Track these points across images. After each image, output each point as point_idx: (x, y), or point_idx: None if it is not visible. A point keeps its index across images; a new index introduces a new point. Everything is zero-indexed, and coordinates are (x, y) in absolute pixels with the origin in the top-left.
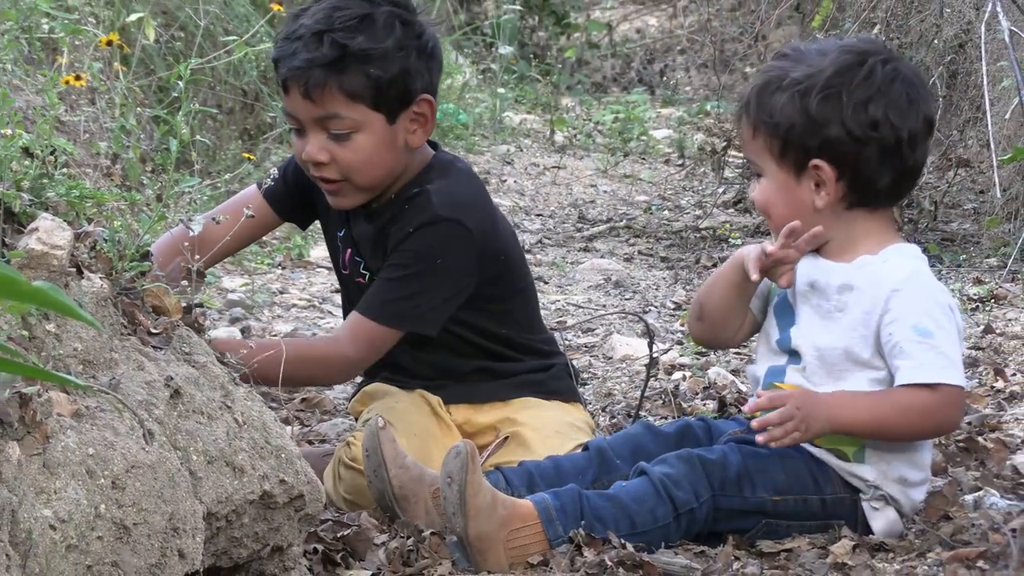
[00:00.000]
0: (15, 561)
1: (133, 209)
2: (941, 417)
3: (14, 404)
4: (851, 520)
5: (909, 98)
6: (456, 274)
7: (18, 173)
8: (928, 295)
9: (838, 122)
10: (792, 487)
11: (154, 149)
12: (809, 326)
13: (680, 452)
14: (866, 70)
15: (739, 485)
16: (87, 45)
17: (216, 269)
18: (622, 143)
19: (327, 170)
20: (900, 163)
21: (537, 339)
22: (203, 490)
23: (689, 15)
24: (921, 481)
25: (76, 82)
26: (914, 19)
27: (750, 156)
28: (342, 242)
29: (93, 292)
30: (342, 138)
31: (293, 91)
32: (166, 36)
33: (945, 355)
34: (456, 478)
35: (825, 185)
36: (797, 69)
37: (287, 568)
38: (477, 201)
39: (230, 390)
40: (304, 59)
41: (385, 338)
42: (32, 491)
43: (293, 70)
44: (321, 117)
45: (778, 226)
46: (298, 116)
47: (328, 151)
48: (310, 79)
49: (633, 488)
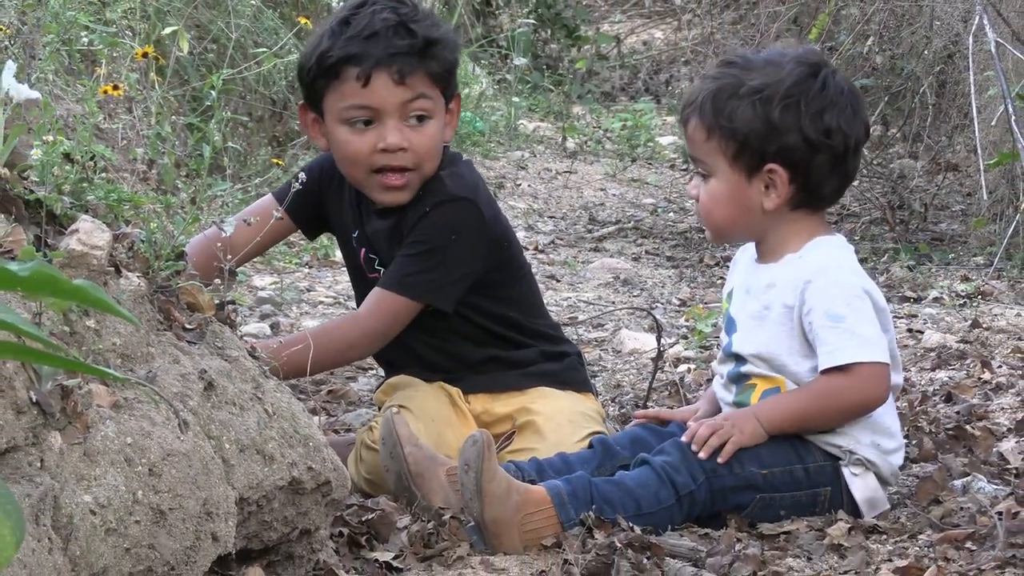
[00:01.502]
0: (57, 544)
1: (168, 211)
2: (859, 396)
3: (56, 396)
4: (835, 487)
5: (853, 108)
6: (470, 251)
7: (59, 177)
8: (839, 281)
9: (796, 129)
10: (777, 460)
11: (188, 155)
12: (745, 330)
13: (673, 440)
14: (820, 81)
15: (727, 463)
16: (124, 57)
17: (247, 268)
18: (630, 149)
19: (404, 157)
20: (844, 169)
21: (543, 323)
22: (235, 477)
23: (693, 28)
24: (895, 448)
25: (114, 92)
26: (906, 31)
27: (700, 156)
28: (357, 242)
29: (131, 290)
30: (421, 120)
31: (380, 80)
32: (199, 48)
33: (857, 335)
34: (473, 465)
35: (776, 188)
36: (752, 77)
37: (315, 550)
38: (484, 187)
39: (261, 382)
40: (396, 46)
41: (405, 310)
42: (73, 478)
43: (384, 59)
44: (409, 100)
45: (716, 227)
46: (381, 105)
47: (408, 138)
48: (404, 65)
49: (637, 474)
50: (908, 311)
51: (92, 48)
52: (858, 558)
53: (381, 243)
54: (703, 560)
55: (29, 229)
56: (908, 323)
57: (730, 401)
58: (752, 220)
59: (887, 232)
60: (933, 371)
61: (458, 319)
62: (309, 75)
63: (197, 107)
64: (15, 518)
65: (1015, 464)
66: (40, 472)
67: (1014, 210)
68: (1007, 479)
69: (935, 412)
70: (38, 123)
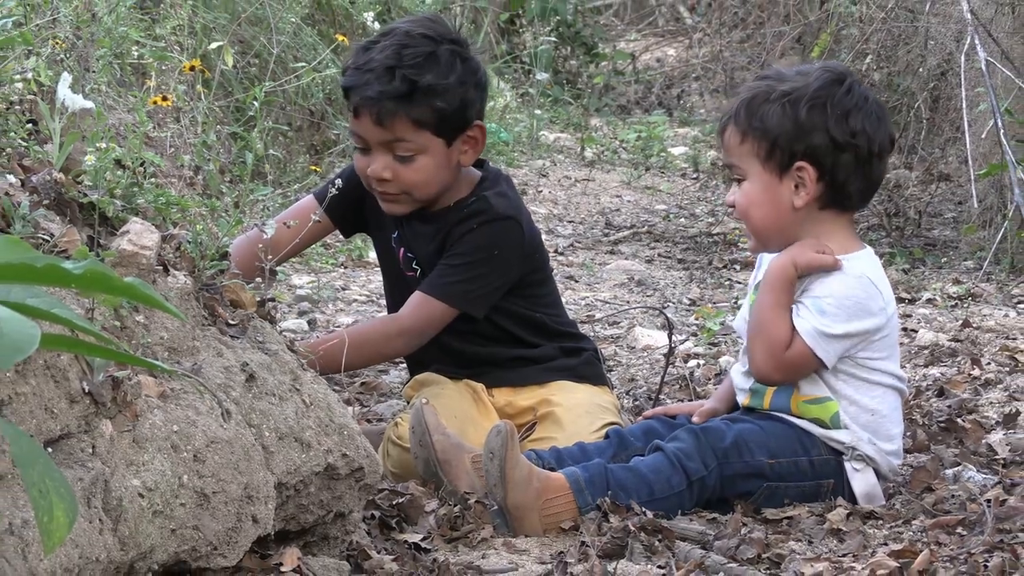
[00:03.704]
0: (107, 525)
1: (213, 215)
2: (787, 353)
3: (107, 386)
4: (838, 479)
5: (878, 116)
6: (507, 265)
7: (111, 182)
8: (846, 292)
9: (823, 129)
10: (784, 450)
11: (232, 162)
12: None
13: (687, 427)
14: (846, 87)
15: (739, 451)
16: (173, 70)
17: (286, 268)
18: (644, 159)
19: (389, 186)
20: (869, 171)
21: (564, 322)
22: (274, 463)
23: (703, 46)
24: (894, 451)
25: (163, 102)
26: (902, 50)
27: (735, 162)
28: (396, 242)
29: (177, 287)
30: (406, 160)
31: (364, 117)
32: (243, 62)
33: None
34: (497, 453)
35: (806, 185)
36: (783, 84)
37: (348, 532)
38: (523, 205)
39: (299, 375)
40: (377, 91)
41: (441, 315)
42: (123, 463)
43: (366, 99)
44: (389, 141)
45: (756, 229)
46: (366, 138)
47: (392, 170)
48: (382, 109)
49: (651, 461)
50: (903, 311)
51: (143, 62)
52: (856, 542)
53: (421, 245)
54: (711, 543)
55: (83, 230)
56: (903, 322)
57: (746, 388)
58: (785, 219)
59: (884, 237)
60: (926, 367)
61: (488, 323)
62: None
63: (240, 117)
64: (68, 501)
65: (1003, 455)
66: (92, 458)
67: (1002, 218)
68: (995, 468)
69: (928, 406)
70: (92, 131)
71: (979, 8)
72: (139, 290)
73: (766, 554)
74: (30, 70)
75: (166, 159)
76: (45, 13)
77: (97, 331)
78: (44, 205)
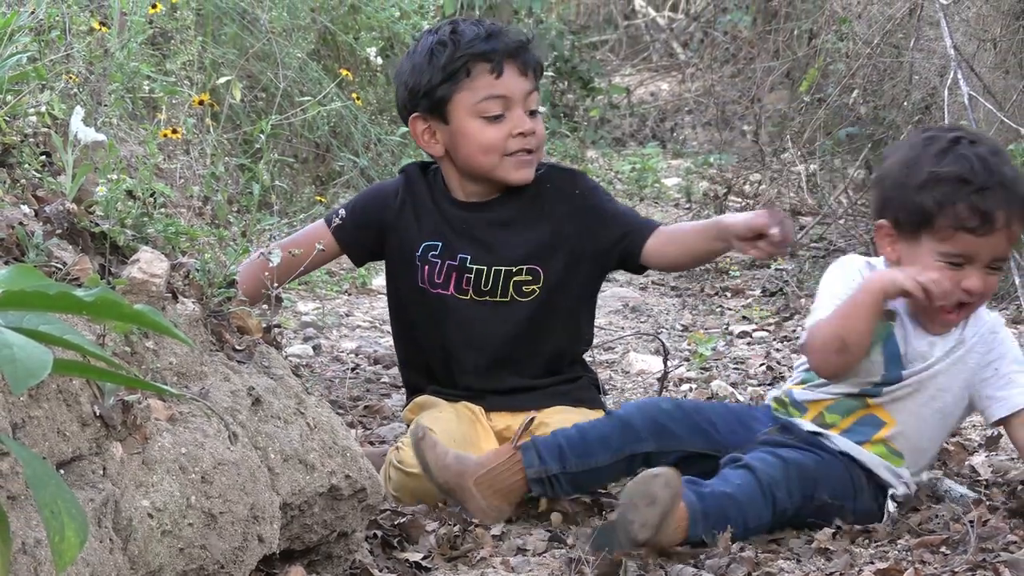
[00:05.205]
0: (118, 544)
1: (221, 243)
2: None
3: (118, 410)
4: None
5: None
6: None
7: (122, 212)
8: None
9: None
10: (844, 491)
11: (239, 192)
12: None
13: (775, 451)
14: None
15: (814, 487)
16: (182, 104)
17: (291, 295)
18: (638, 189)
19: (532, 141)
20: None
21: (585, 351)
22: (280, 484)
23: (695, 81)
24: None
25: (173, 135)
26: (887, 84)
27: (1009, 252)
28: (438, 257)
29: (186, 314)
30: (534, 115)
31: (510, 71)
32: (250, 96)
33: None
34: (660, 503)
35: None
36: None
37: (351, 551)
38: None
39: (303, 398)
40: (516, 41)
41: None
42: (133, 484)
43: (512, 51)
44: (529, 91)
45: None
46: (512, 94)
47: (532, 125)
48: (526, 57)
49: (745, 486)
50: None
51: (153, 96)
52: (843, 561)
53: (490, 233)
54: (703, 562)
55: (94, 259)
56: None
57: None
58: None
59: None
60: None
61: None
62: (429, 84)
63: (248, 149)
64: (79, 521)
65: (985, 476)
66: (103, 479)
67: None
68: (977, 490)
69: None
70: (104, 163)
71: (962, 44)
72: (149, 317)
73: (756, 573)
74: (44, 104)
75: (176, 190)
76: (59, 49)
77: (108, 357)
78: (57, 234)
